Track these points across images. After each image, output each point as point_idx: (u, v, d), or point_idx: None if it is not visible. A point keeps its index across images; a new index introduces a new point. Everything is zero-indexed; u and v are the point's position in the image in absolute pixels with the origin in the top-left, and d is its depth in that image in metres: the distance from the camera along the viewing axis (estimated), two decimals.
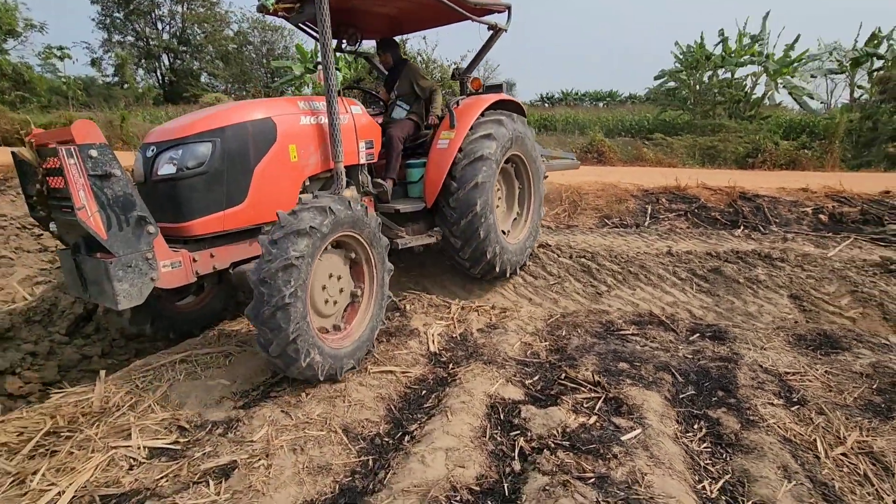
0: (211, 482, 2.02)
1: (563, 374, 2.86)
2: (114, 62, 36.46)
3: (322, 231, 2.52)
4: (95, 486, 2.02)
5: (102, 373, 2.75)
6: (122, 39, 36.91)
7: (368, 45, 5.07)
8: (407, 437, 2.39)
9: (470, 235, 3.89)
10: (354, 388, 2.72)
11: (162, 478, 2.07)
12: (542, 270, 4.79)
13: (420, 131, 4.28)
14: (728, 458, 2.22)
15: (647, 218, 6.79)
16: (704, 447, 2.31)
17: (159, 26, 37.69)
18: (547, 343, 3.38)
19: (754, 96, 16.54)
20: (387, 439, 2.40)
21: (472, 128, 3.95)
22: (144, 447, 2.25)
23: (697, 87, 16.31)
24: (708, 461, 2.21)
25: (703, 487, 2.04)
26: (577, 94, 37.43)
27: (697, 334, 3.50)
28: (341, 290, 2.88)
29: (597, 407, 2.53)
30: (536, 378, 2.90)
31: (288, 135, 3.08)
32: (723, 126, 14.45)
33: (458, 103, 4.21)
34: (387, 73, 4.54)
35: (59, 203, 2.45)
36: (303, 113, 3.21)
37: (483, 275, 4.23)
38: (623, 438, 2.25)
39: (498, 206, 4.37)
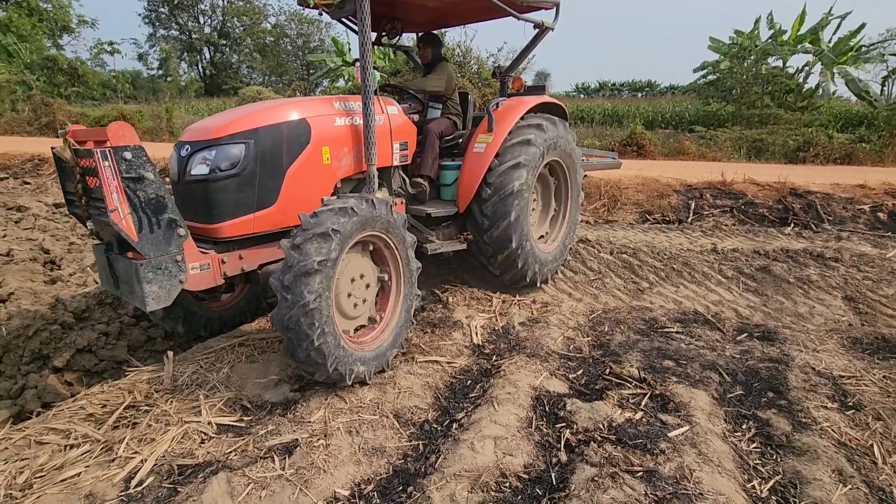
0: (276, 458, 2.16)
1: (608, 370, 2.88)
2: (158, 56, 38.03)
3: (345, 232, 2.44)
4: (172, 456, 2.20)
5: (171, 353, 2.95)
6: (166, 34, 38.42)
7: (407, 37, 5.05)
8: (455, 425, 2.48)
9: (502, 245, 3.77)
10: (403, 377, 2.82)
11: (231, 451, 2.23)
12: (582, 266, 4.78)
13: (457, 130, 4.18)
14: (779, 460, 2.21)
15: (691, 214, 6.63)
16: (754, 447, 2.30)
17: (201, 20, 38.96)
18: (589, 338, 3.40)
19: (807, 86, 15.72)
20: (435, 426, 2.50)
21: (510, 132, 3.80)
22: (213, 423, 2.42)
23: (744, 76, 15.63)
24: (758, 461, 2.21)
25: (753, 487, 2.05)
26: (614, 84, 36.47)
27: (745, 334, 3.44)
28: (368, 286, 2.81)
29: (643, 403, 2.55)
30: (580, 373, 2.94)
31: (322, 137, 3.00)
32: (772, 116, 13.81)
33: (497, 105, 4.02)
34: (424, 68, 4.41)
35: (95, 202, 2.43)
36: (338, 114, 3.13)
37: (513, 283, 4.10)
38: (670, 435, 2.27)
39: (534, 210, 4.28)
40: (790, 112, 14.38)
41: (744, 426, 2.44)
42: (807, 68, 15.49)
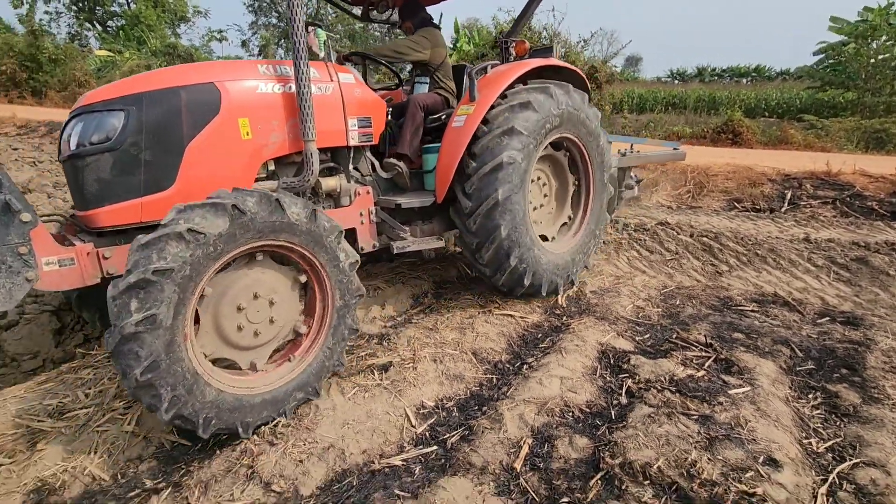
0: (375, 372, 2.62)
1: (675, 335, 3.03)
2: (259, 43, 41.27)
3: (211, 236, 1.85)
4: None
5: None
6: (266, 21, 41.48)
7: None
8: (525, 366, 2.79)
9: (488, 233, 3.04)
10: (480, 324, 3.18)
11: None
12: (658, 246, 4.82)
13: (449, 108, 3.55)
14: (841, 426, 2.28)
15: (785, 203, 6.28)
16: (817, 413, 2.38)
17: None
18: (660, 309, 3.53)
19: None
20: (507, 365, 2.83)
21: (504, 97, 3.16)
22: None
23: (871, 60, 13.92)
24: (818, 425, 2.29)
25: (810, 444, 2.15)
26: (714, 69, 33.79)
27: (827, 318, 3.38)
28: (272, 320, 2.19)
29: (706, 364, 2.70)
30: (647, 336, 3.11)
31: (237, 106, 2.44)
32: None
33: (485, 70, 3.37)
34: None
35: None
36: (263, 79, 2.56)
37: (510, 288, 3.33)
38: (730, 392, 2.42)
39: (542, 206, 3.59)
40: None
41: (809, 395, 2.51)
42: None
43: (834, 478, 1.93)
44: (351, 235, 2.93)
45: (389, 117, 3.36)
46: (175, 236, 1.80)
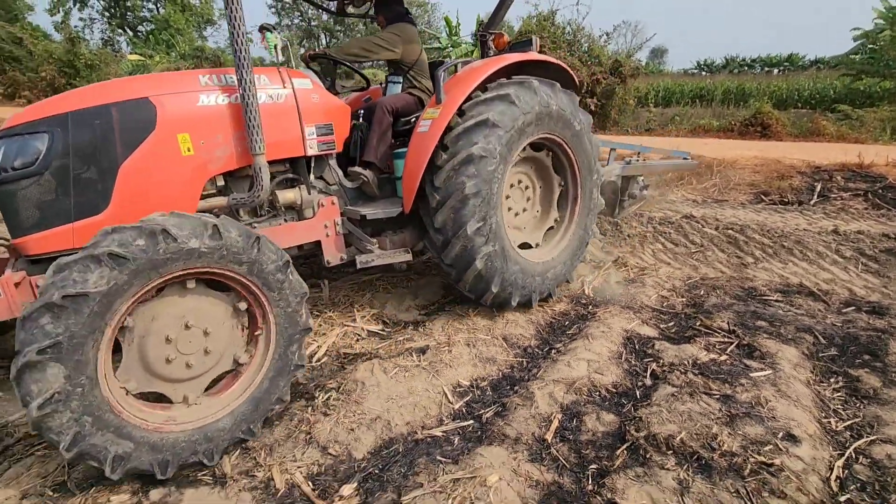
0: (413, 354, 2.83)
1: (699, 322, 3.15)
2: (281, 44, 42.14)
3: (134, 260, 1.71)
4: (338, 347, 2.97)
5: (326, 281, 3.77)
6: (289, 22, 42.30)
7: None
8: (553, 351, 2.96)
9: (455, 228, 2.85)
10: (510, 311, 3.35)
11: (379, 348, 2.94)
12: (683, 238, 4.89)
13: (422, 109, 3.23)
14: (861, 407, 2.37)
15: (815, 196, 6.23)
16: (837, 396, 2.48)
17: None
18: (684, 299, 3.64)
19: None
20: (537, 350, 3.00)
21: (480, 90, 2.98)
22: (364, 329, 3.16)
23: None
24: (839, 406, 2.40)
25: (829, 423, 2.27)
26: (743, 60, 32.91)
27: (853, 307, 3.43)
28: (207, 351, 2.02)
29: (729, 349, 2.81)
30: (671, 324, 3.23)
31: (175, 120, 2.31)
32: None
33: (455, 69, 3.19)
34: None
35: None
36: (204, 90, 2.42)
37: (476, 294, 3.11)
38: (752, 375, 2.54)
39: (526, 210, 3.40)
40: None
41: (831, 379, 2.61)
42: None
43: (851, 452, 2.04)
44: (317, 248, 2.88)
45: (362, 120, 3.26)
46: (92, 260, 1.67)
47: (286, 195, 2.78)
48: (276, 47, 2.59)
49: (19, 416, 2.32)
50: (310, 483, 1.95)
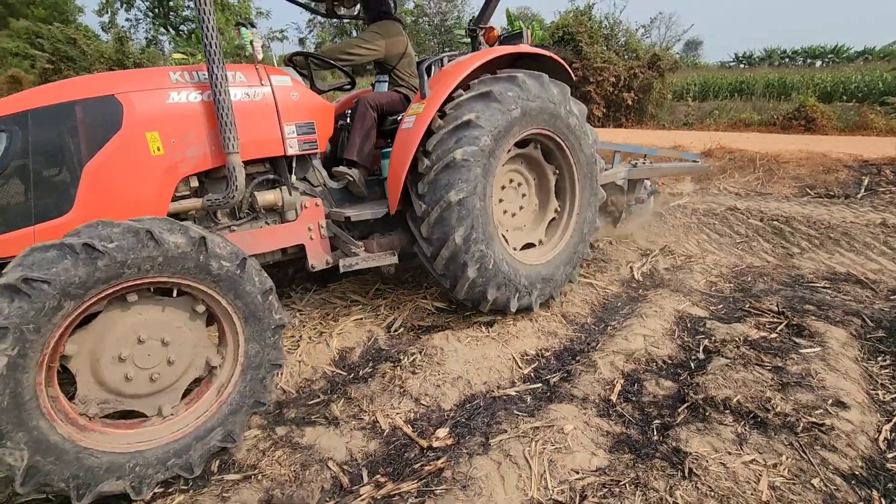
0: (483, 327, 3.12)
1: (748, 304, 3.33)
2: (315, 41, 43.00)
3: (61, 283, 1.60)
4: (412, 319, 3.28)
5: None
6: (323, 20, 43.12)
7: None
8: (609, 327, 3.20)
9: (442, 239, 2.74)
10: (567, 290, 3.60)
11: (449, 320, 3.24)
12: (728, 229, 5.03)
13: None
14: None
15: (862, 190, 6.22)
16: (885, 372, 2.64)
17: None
18: (731, 284, 3.81)
19: None
20: (593, 326, 3.25)
21: (466, 87, 2.86)
22: (433, 305, 3.47)
23: None
24: (886, 381, 2.57)
25: (877, 394, 2.44)
26: (784, 51, 31.84)
27: None
28: (171, 361, 1.95)
29: (778, 328, 3.00)
30: (720, 306, 3.43)
31: (143, 119, 2.24)
32: None
33: (441, 63, 3.10)
34: None
35: None
36: (175, 87, 2.35)
37: (472, 303, 3.01)
38: (802, 351, 2.73)
39: (523, 208, 3.27)
40: None
41: (878, 358, 2.77)
42: None
43: None
44: (301, 251, 2.82)
45: (349, 120, 3.18)
46: (5, 289, 1.55)
47: (266, 196, 2.66)
48: (251, 43, 2.52)
49: None
50: (409, 426, 2.27)
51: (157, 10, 38.62)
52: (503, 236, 3.04)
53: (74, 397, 1.82)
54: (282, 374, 2.66)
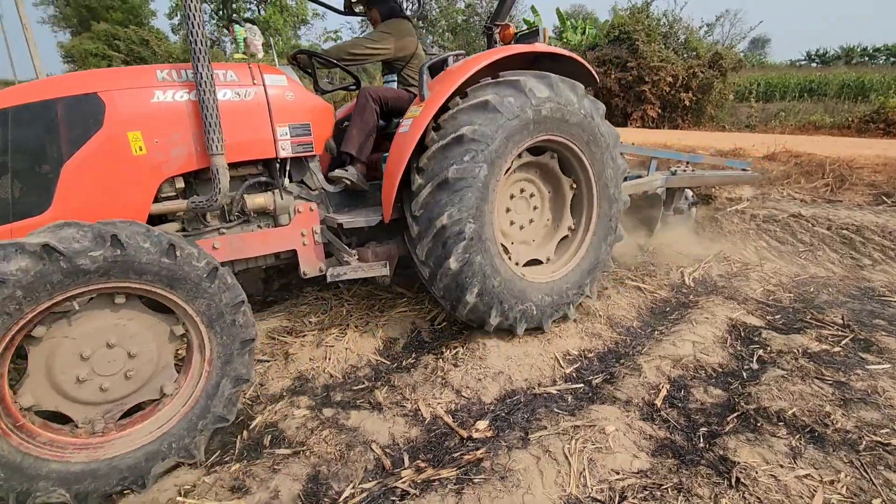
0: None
1: (809, 315, 3.16)
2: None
3: (11, 283, 1.57)
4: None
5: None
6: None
7: None
8: (656, 332, 3.13)
9: (438, 262, 2.61)
10: (612, 293, 3.55)
11: None
12: (790, 237, 4.75)
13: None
14: None
15: None
16: None
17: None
18: (791, 294, 3.61)
19: None
20: (639, 330, 3.18)
21: (465, 95, 2.65)
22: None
23: None
24: None
25: None
26: (864, 49, 29.49)
27: None
28: (127, 375, 1.89)
29: (843, 342, 2.82)
30: (778, 316, 3.26)
31: (126, 118, 2.20)
32: None
33: (446, 63, 2.93)
34: None
35: None
36: (160, 86, 2.28)
37: (477, 324, 2.87)
38: (868, 367, 2.56)
39: (533, 221, 3.06)
40: None
41: None
42: None
43: None
44: (293, 257, 2.75)
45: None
46: None
47: (255, 199, 2.58)
48: (244, 41, 2.46)
49: None
50: (450, 416, 2.33)
51: (221, 12, 40.79)
52: (506, 248, 2.89)
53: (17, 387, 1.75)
54: (329, 359, 2.79)
